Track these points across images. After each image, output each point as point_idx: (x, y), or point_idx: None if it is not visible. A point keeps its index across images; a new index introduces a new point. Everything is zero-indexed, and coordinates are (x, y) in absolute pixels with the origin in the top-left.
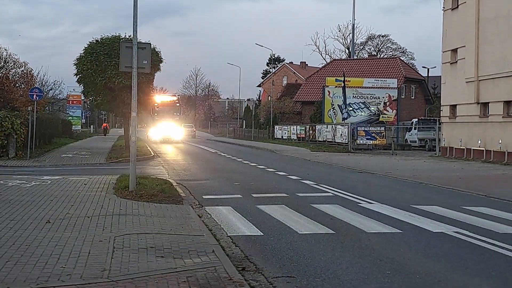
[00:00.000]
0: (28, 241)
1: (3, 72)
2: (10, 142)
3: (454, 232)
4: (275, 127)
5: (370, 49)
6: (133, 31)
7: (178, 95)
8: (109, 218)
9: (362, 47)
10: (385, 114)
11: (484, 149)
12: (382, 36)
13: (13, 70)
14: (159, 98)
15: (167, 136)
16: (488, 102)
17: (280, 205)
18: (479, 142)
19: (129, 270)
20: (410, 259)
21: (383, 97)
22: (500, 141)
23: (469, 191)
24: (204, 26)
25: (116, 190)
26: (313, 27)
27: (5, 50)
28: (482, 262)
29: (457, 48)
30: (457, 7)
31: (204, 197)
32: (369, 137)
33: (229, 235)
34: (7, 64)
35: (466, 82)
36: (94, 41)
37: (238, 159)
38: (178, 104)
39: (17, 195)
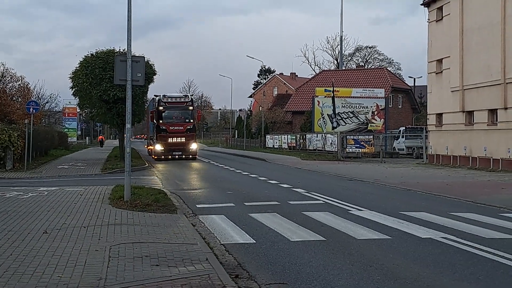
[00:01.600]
0: (26, 251)
1: (0, 86)
2: (7, 154)
3: (442, 237)
4: (267, 136)
5: (358, 60)
6: (127, 45)
7: (191, 95)
8: (105, 228)
9: (350, 58)
10: (373, 123)
11: (470, 156)
12: (370, 48)
13: (10, 84)
14: (166, 97)
15: (176, 151)
16: (473, 111)
17: (272, 213)
18: (465, 149)
19: (124, 278)
20: (400, 264)
21: (371, 107)
22: (485, 148)
23: (456, 197)
24: (196, 39)
25: (112, 200)
26: (302, 39)
27: (2, 64)
28: (470, 267)
29: (442, 59)
30: (442, 19)
31: (197, 206)
32: (358, 145)
33: (222, 243)
34: (4, 79)
35: (452, 91)
36: (89, 55)
37: (231, 168)
38: (191, 107)
39: (14, 206)
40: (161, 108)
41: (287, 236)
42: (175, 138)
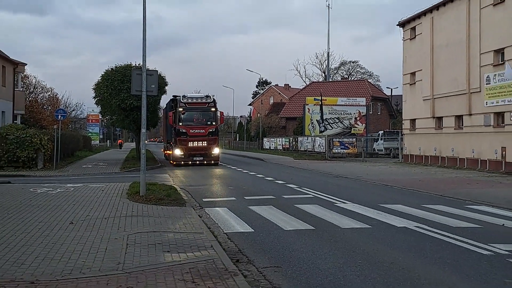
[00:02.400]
0: (54, 239)
1: (33, 97)
2: (38, 155)
3: (415, 226)
4: (264, 139)
5: (342, 73)
6: (143, 61)
7: (213, 95)
8: (123, 219)
9: (336, 71)
10: (356, 127)
11: (439, 156)
12: (353, 62)
13: (41, 95)
14: (186, 97)
15: (197, 156)
16: (442, 117)
17: (268, 205)
18: (435, 150)
19: (140, 263)
20: (379, 250)
21: (354, 113)
22: (452, 149)
23: (427, 191)
24: (203, 55)
25: (129, 195)
26: (295, 54)
27: (35, 77)
28: (439, 252)
29: (415, 72)
30: (415, 37)
31: (203, 199)
32: (343, 147)
33: (225, 232)
34: (36, 90)
35: (423, 100)
36: (110, 69)
37: (233, 167)
38: (213, 109)
39: (44, 200)
40: (180, 109)
41: (281, 225)
42: (196, 142)
